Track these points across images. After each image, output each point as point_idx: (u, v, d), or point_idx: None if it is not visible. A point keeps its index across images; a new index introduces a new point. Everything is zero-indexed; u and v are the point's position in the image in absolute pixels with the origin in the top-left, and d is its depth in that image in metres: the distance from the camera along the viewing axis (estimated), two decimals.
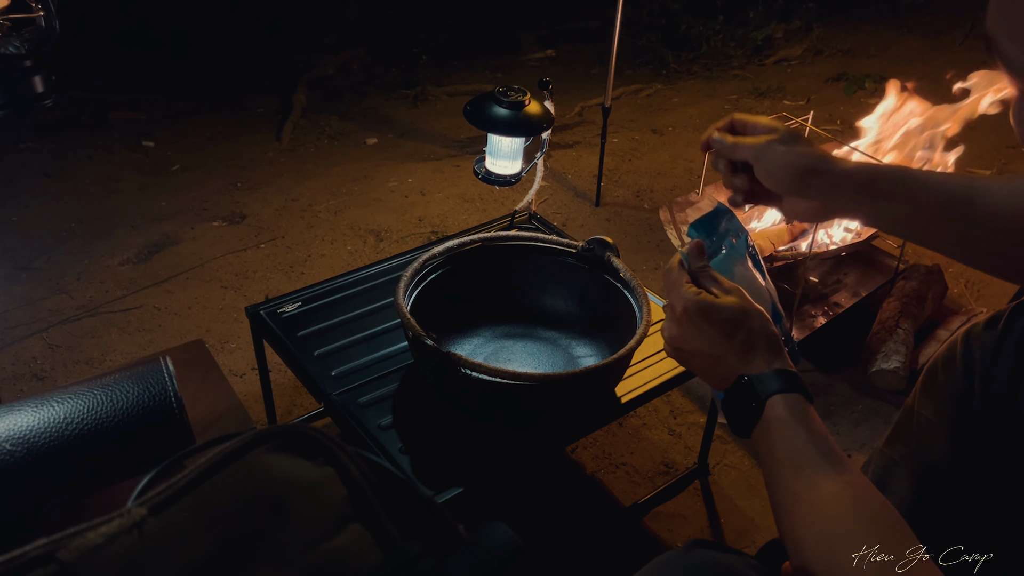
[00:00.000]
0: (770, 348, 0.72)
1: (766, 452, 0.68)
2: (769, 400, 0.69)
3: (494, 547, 0.43)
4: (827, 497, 0.62)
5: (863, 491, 0.63)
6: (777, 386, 0.69)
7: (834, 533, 0.60)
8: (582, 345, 1.20)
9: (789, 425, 0.67)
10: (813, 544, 0.61)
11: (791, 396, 0.69)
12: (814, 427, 0.66)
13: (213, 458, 0.45)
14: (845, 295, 1.81)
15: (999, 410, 0.79)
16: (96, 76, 2.99)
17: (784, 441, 0.67)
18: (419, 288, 1.12)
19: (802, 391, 0.70)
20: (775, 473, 0.67)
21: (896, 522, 0.61)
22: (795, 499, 0.63)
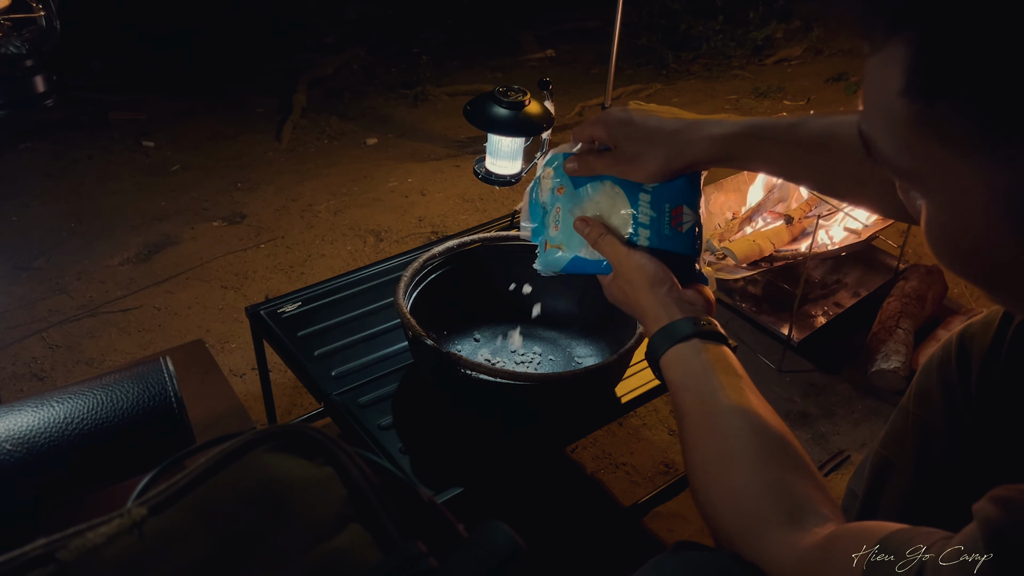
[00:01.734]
0: (657, 301, 0.79)
1: (674, 411, 0.76)
2: (661, 360, 0.76)
3: (494, 547, 0.43)
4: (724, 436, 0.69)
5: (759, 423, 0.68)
6: (664, 346, 0.76)
7: (728, 454, 0.67)
8: (582, 345, 1.20)
9: (678, 386, 0.74)
10: (705, 467, 0.69)
11: (676, 351, 0.75)
12: (703, 380, 0.73)
13: (213, 458, 0.45)
14: (845, 295, 1.81)
15: (995, 409, 0.79)
16: (96, 76, 2.99)
17: (678, 394, 0.74)
18: (419, 288, 1.12)
19: (701, 334, 0.75)
20: (680, 425, 0.74)
21: (785, 443, 0.67)
22: (692, 445, 0.71)
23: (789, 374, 1.67)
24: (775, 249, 1.78)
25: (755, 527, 0.62)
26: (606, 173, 0.86)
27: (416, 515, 0.47)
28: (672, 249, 0.85)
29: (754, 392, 0.72)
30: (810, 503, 0.62)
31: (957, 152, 0.39)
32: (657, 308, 0.78)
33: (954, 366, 0.82)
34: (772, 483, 0.64)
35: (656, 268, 0.81)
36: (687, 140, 0.79)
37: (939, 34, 0.37)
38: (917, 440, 0.87)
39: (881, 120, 0.42)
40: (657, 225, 0.84)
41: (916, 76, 0.38)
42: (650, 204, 0.84)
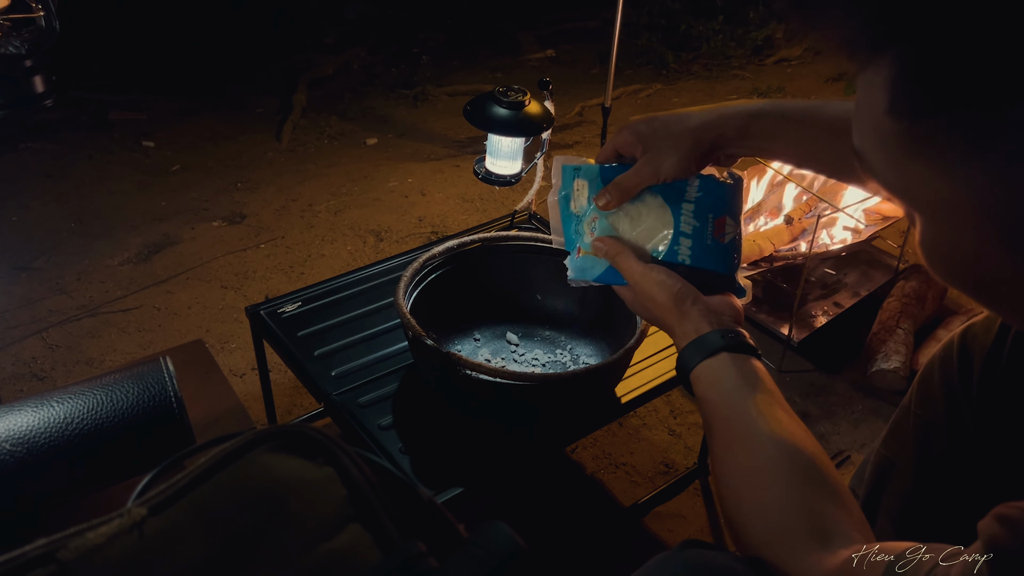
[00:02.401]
0: (684, 316, 0.77)
1: (704, 424, 0.74)
2: (691, 375, 0.75)
3: (494, 547, 0.43)
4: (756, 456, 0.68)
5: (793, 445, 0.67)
6: (694, 361, 0.74)
7: (760, 472, 0.66)
8: (582, 345, 1.20)
9: (709, 401, 0.73)
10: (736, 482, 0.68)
11: (705, 366, 0.74)
12: (732, 395, 0.71)
13: (213, 458, 0.45)
14: (845, 295, 1.81)
15: (996, 410, 0.79)
16: (96, 76, 2.99)
17: (708, 410, 0.73)
18: (419, 288, 1.12)
19: (730, 346, 0.74)
20: (709, 439, 0.73)
21: (819, 470, 0.66)
22: (722, 461, 0.70)
23: (789, 374, 1.67)
24: (775, 249, 1.78)
25: (783, 544, 0.62)
26: (636, 188, 0.83)
27: (416, 515, 0.47)
28: (713, 259, 0.82)
29: (785, 408, 0.71)
30: (838, 526, 0.61)
31: (943, 167, 0.39)
32: (685, 323, 0.77)
33: (956, 366, 0.82)
34: (802, 502, 0.63)
35: (677, 283, 0.79)
36: (714, 118, 0.78)
37: (921, 53, 0.37)
38: (918, 440, 0.87)
39: (870, 137, 0.42)
40: (700, 235, 0.82)
41: (900, 95, 0.38)
42: (693, 213, 0.81)
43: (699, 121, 0.79)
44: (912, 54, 0.37)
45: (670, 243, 0.83)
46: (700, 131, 0.79)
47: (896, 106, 0.39)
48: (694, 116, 0.80)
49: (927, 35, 0.36)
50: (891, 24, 0.37)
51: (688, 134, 0.79)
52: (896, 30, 0.37)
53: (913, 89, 0.38)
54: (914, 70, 0.37)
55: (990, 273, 0.43)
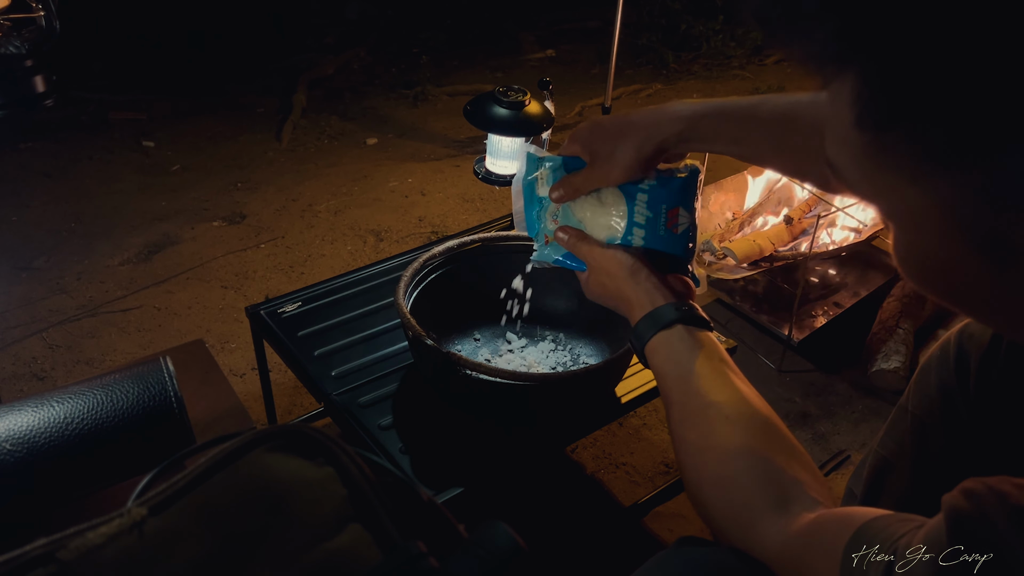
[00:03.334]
0: (638, 286, 0.80)
1: (662, 398, 0.77)
2: (646, 348, 0.77)
3: (494, 547, 0.43)
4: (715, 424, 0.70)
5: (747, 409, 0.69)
6: (649, 332, 0.77)
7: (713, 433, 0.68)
8: (582, 345, 1.20)
9: (664, 374, 0.75)
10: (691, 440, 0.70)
11: (660, 337, 0.76)
12: (682, 368, 0.74)
13: (213, 458, 0.45)
14: (845, 295, 1.81)
15: (993, 409, 0.79)
16: (96, 76, 2.99)
17: (663, 382, 0.75)
18: (419, 288, 1.12)
19: (684, 318, 0.76)
20: (668, 411, 0.75)
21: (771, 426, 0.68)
22: (680, 436, 0.72)
23: (789, 374, 1.67)
24: (775, 249, 1.78)
25: (744, 515, 0.63)
26: (586, 188, 0.86)
27: (416, 515, 0.47)
28: (666, 250, 0.86)
29: (739, 377, 0.73)
30: (799, 487, 0.63)
31: (910, 178, 0.40)
32: (640, 295, 0.80)
33: (952, 366, 0.82)
34: (759, 470, 0.64)
35: (632, 258, 0.82)
36: (654, 123, 0.80)
37: (881, 68, 0.37)
38: (915, 440, 0.87)
39: (841, 149, 0.43)
40: (653, 225, 0.85)
41: (864, 108, 0.39)
42: (647, 204, 0.85)
43: (640, 127, 0.81)
44: (873, 68, 0.38)
45: (624, 232, 0.86)
46: (641, 138, 0.81)
47: (861, 119, 0.40)
48: (635, 122, 0.81)
49: (887, 50, 0.37)
50: (852, 40, 0.38)
51: (630, 141, 0.81)
52: (857, 45, 0.38)
53: (876, 103, 0.39)
54: (876, 84, 0.38)
55: (962, 280, 0.43)
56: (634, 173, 0.83)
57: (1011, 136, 0.36)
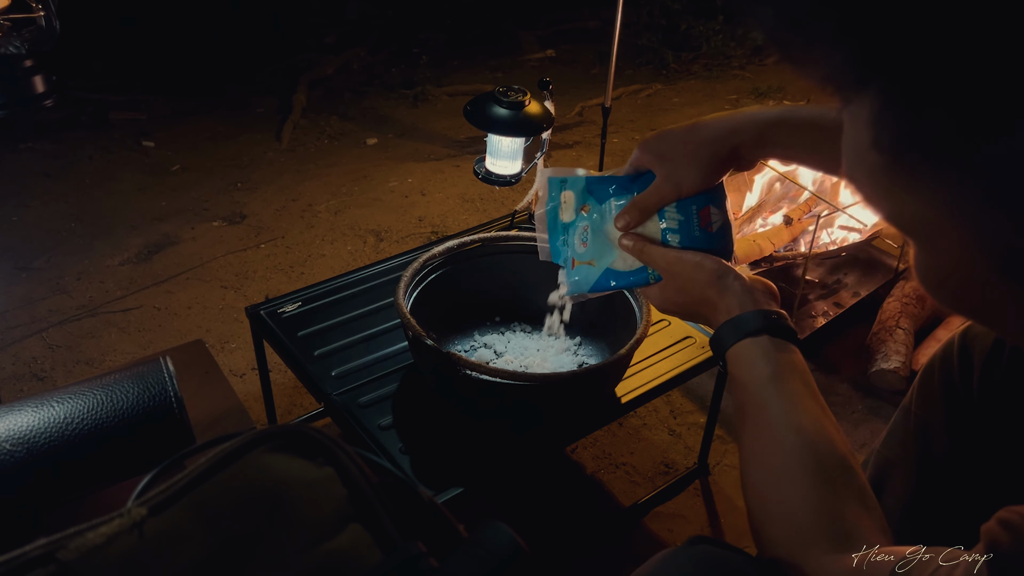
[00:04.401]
0: (726, 291, 0.76)
1: (734, 406, 0.74)
2: (728, 353, 0.73)
3: (494, 547, 0.43)
4: (778, 446, 0.68)
5: (815, 438, 0.67)
6: (733, 338, 0.73)
7: (779, 471, 0.66)
8: (582, 345, 1.20)
9: (743, 384, 0.72)
10: (756, 478, 0.68)
11: (744, 346, 0.72)
12: (768, 378, 0.70)
13: (213, 458, 0.45)
14: (845, 295, 1.81)
15: (997, 410, 0.79)
16: (96, 76, 2.99)
17: (741, 393, 0.72)
18: (419, 288, 1.12)
19: (772, 328, 0.72)
20: (739, 423, 0.72)
21: (844, 469, 0.66)
22: (751, 452, 0.70)
23: None
24: (775, 249, 1.78)
25: (801, 544, 0.62)
26: (659, 204, 0.82)
27: (416, 515, 0.47)
28: (704, 250, 0.82)
29: (819, 403, 0.70)
30: (859, 531, 0.61)
31: (929, 199, 0.40)
32: (728, 298, 0.75)
33: (956, 366, 0.82)
34: (825, 505, 0.63)
35: (715, 262, 0.78)
36: (730, 128, 0.77)
37: (901, 90, 0.37)
38: (918, 440, 0.87)
39: (859, 168, 0.43)
40: (687, 228, 0.82)
41: (883, 130, 0.39)
42: (676, 208, 0.82)
43: (714, 134, 0.78)
44: (893, 91, 0.38)
45: (660, 241, 0.83)
46: (717, 144, 0.78)
47: (880, 141, 0.39)
48: (708, 128, 0.79)
49: (906, 73, 0.37)
50: (872, 62, 0.38)
51: (705, 147, 0.78)
52: (876, 68, 0.38)
53: (895, 124, 0.38)
54: (895, 106, 0.38)
55: (985, 298, 0.43)
56: (709, 179, 0.80)
57: None
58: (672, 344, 1.21)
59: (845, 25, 0.37)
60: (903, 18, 0.35)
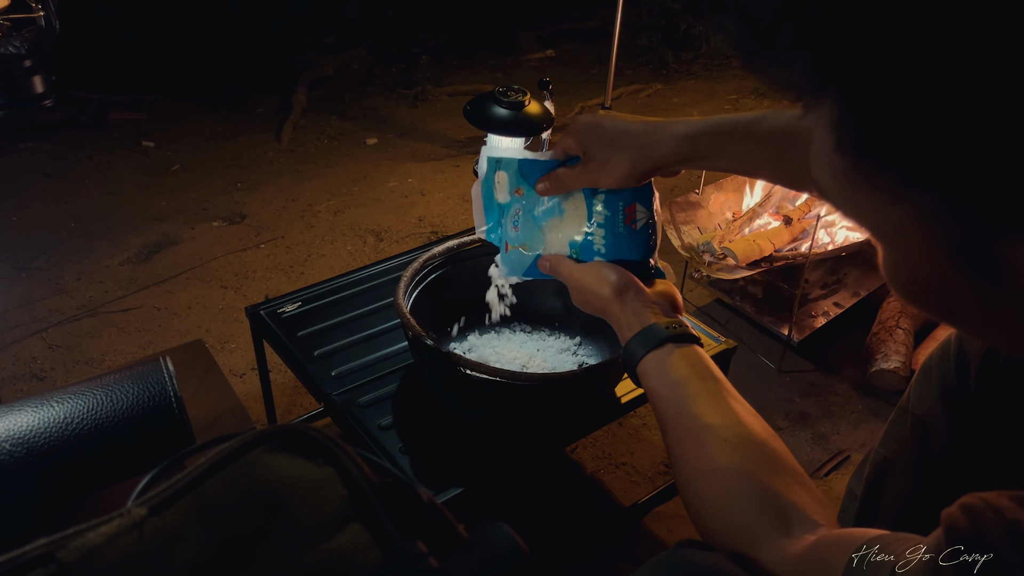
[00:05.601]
0: (625, 307, 0.80)
1: (656, 417, 0.76)
2: (638, 368, 0.77)
3: (494, 547, 0.43)
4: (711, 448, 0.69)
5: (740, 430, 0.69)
6: (640, 353, 0.77)
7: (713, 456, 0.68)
8: (582, 345, 1.20)
9: (658, 394, 0.75)
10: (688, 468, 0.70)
11: (651, 358, 0.76)
12: (678, 386, 0.74)
13: (213, 458, 0.45)
14: (845, 295, 1.81)
15: (994, 410, 0.79)
16: (96, 76, 2.99)
17: (657, 403, 0.75)
18: (419, 288, 1.12)
19: (674, 337, 0.76)
20: (662, 433, 0.74)
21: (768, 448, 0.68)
22: (676, 458, 0.72)
23: (789, 374, 1.67)
24: (775, 249, 1.78)
25: (744, 536, 0.63)
26: (576, 186, 0.87)
27: (416, 515, 0.47)
28: (626, 246, 0.87)
29: (734, 396, 0.73)
30: (798, 510, 0.62)
31: (890, 198, 0.41)
32: (628, 315, 0.80)
33: (953, 367, 0.82)
34: (759, 493, 0.64)
35: (617, 275, 0.82)
36: (652, 141, 0.81)
37: (855, 96, 0.39)
38: (916, 440, 0.87)
39: (824, 171, 0.44)
40: (611, 223, 0.87)
41: (843, 133, 0.40)
42: (604, 203, 0.86)
43: (639, 143, 0.81)
44: (848, 96, 0.39)
45: (585, 233, 0.88)
46: (640, 154, 0.82)
47: (841, 144, 0.41)
48: (634, 135, 0.82)
49: (861, 79, 0.38)
50: (828, 69, 0.39)
51: (628, 154, 0.82)
52: (833, 75, 0.39)
53: (853, 128, 0.40)
54: (852, 111, 0.39)
55: (950, 297, 0.44)
56: (626, 184, 0.84)
57: (983, 157, 0.36)
58: None
59: (803, 34, 0.38)
60: (857, 27, 0.36)
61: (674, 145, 0.80)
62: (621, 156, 0.82)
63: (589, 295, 0.85)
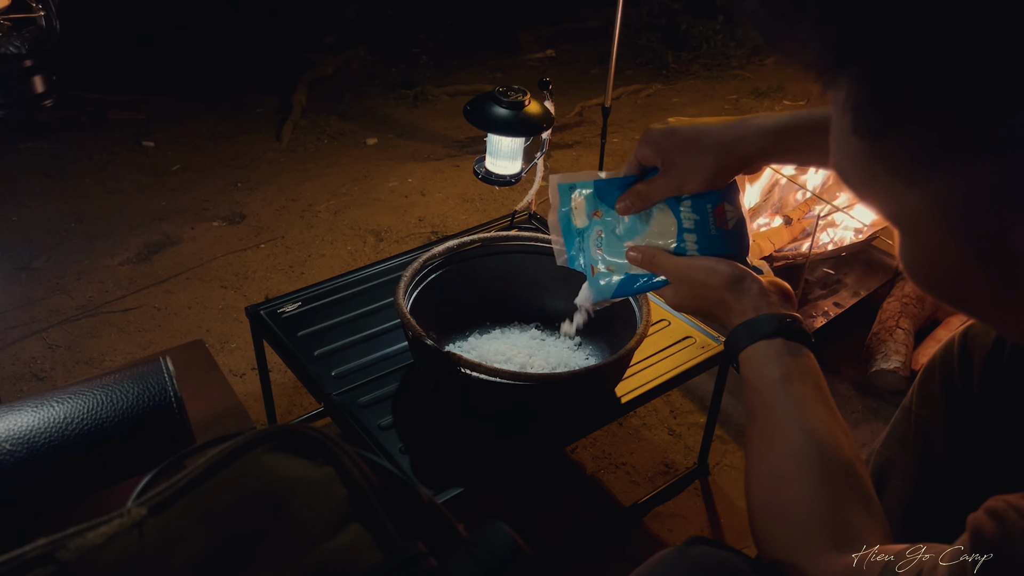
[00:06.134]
0: (742, 294, 0.76)
1: (745, 407, 0.74)
2: (741, 355, 0.74)
3: (494, 547, 0.43)
4: (786, 450, 0.68)
5: (823, 442, 0.67)
6: (746, 341, 0.74)
7: (784, 475, 0.67)
8: (582, 345, 1.20)
9: (754, 387, 0.72)
10: (762, 483, 0.68)
11: (756, 348, 0.73)
12: (785, 380, 0.71)
13: (213, 458, 0.45)
14: (845, 295, 1.81)
15: (997, 410, 0.79)
16: (96, 76, 2.99)
17: (752, 394, 0.72)
18: (419, 288, 1.12)
19: (785, 331, 0.72)
20: (748, 423, 0.73)
21: (850, 473, 0.66)
22: (757, 453, 0.70)
23: None
24: (775, 249, 1.78)
25: (802, 544, 0.62)
26: (661, 198, 0.82)
27: (416, 515, 0.47)
28: (721, 248, 0.83)
29: (829, 406, 0.70)
30: (860, 534, 0.61)
31: (907, 183, 0.41)
32: (743, 301, 0.76)
33: (956, 367, 0.82)
34: (827, 507, 0.63)
35: (730, 266, 0.78)
36: (735, 138, 0.77)
37: (873, 73, 0.38)
38: (919, 441, 0.87)
39: (843, 155, 0.44)
40: (703, 227, 0.82)
41: (859, 114, 0.40)
42: (691, 208, 0.82)
43: (722, 141, 0.78)
44: (866, 75, 0.38)
45: (676, 241, 0.83)
46: (724, 152, 0.78)
47: (857, 125, 0.40)
48: (715, 133, 0.78)
49: (878, 56, 0.37)
50: (846, 46, 0.38)
51: (712, 154, 0.78)
52: (852, 52, 0.38)
53: (870, 108, 0.39)
54: (868, 90, 0.39)
55: (965, 285, 0.43)
56: (713, 186, 0.80)
57: (1001, 139, 0.36)
58: (672, 344, 1.21)
59: (824, 9, 0.38)
60: (877, 2, 0.36)
61: (759, 140, 0.77)
62: (704, 158, 0.78)
63: (699, 287, 0.79)
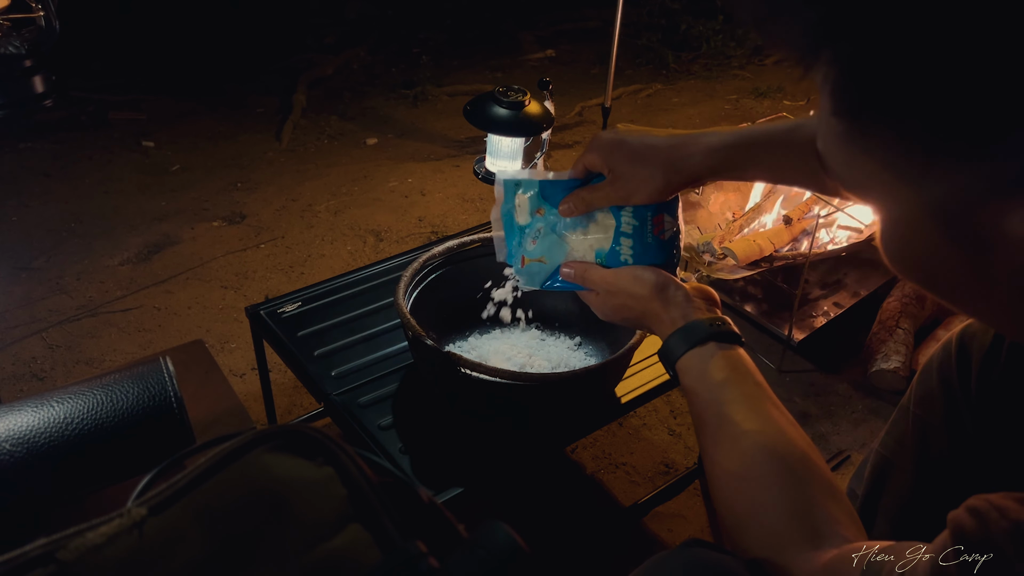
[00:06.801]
0: (669, 303, 0.78)
1: (692, 417, 0.75)
2: (677, 364, 0.75)
3: (494, 547, 0.43)
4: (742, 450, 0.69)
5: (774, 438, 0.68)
6: (681, 349, 0.75)
7: (747, 475, 0.67)
8: (582, 345, 1.20)
9: (697, 394, 0.73)
10: (727, 480, 0.69)
11: (693, 355, 0.74)
12: (721, 385, 0.72)
13: (213, 458, 0.45)
14: (845, 295, 1.81)
15: (995, 410, 0.79)
16: (96, 76, 2.99)
17: (696, 402, 0.73)
18: (419, 288, 1.12)
19: (717, 335, 0.74)
20: (698, 432, 0.73)
21: (804, 464, 0.67)
22: (712, 460, 0.70)
23: (789, 374, 1.67)
24: (775, 249, 1.78)
25: (775, 544, 0.62)
26: (604, 205, 0.84)
27: (416, 515, 0.47)
28: (654, 256, 0.85)
29: (774, 402, 0.71)
30: (831, 525, 0.62)
31: (886, 166, 0.41)
32: (671, 310, 0.77)
33: (954, 366, 0.82)
34: (795, 504, 0.64)
35: (656, 275, 0.80)
36: (684, 155, 0.79)
37: (854, 56, 0.39)
38: (917, 440, 0.87)
39: (827, 138, 0.44)
40: (640, 234, 0.85)
41: (839, 96, 0.40)
42: (632, 214, 0.85)
43: (671, 157, 0.80)
44: (843, 57, 0.39)
45: (611, 243, 0.86)
46: (672, 169, 0.80)
47: (836, 107, 0.41)
48: (664, 149, 0.80)
49: (857, 38, 0.38)
50: (827, 29, 0.39)
51: (659, 170, 0.80)
52: (831, 34, 0.39)
53: (848, 90, 0.40)
54: (847, 72, 0.39)
55: (942, 270, 0.44)
56: (658, 200, 0.82)
57: (987, 128, 0.36)
58: None
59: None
60: None
61: (707, 159, 0.78)
62: (651, 172, 0.80)
63: (625, 298, 0.82)
